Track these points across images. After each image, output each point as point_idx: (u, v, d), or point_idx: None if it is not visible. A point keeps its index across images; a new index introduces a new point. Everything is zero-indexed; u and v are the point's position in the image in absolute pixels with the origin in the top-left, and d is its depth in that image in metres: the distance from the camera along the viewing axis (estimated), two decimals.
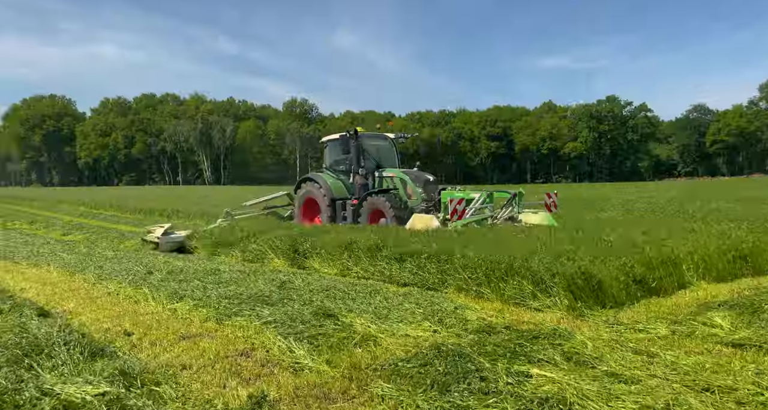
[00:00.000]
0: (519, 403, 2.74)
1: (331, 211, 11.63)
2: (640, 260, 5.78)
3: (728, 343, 3.90)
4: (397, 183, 11.24)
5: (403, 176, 11.17)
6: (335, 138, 12.61)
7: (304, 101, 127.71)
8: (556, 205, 10.52)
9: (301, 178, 12.90)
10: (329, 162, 12.73)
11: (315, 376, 3.39)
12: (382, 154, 12.25)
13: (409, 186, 10.95)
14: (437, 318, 4.51)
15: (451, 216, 9.13)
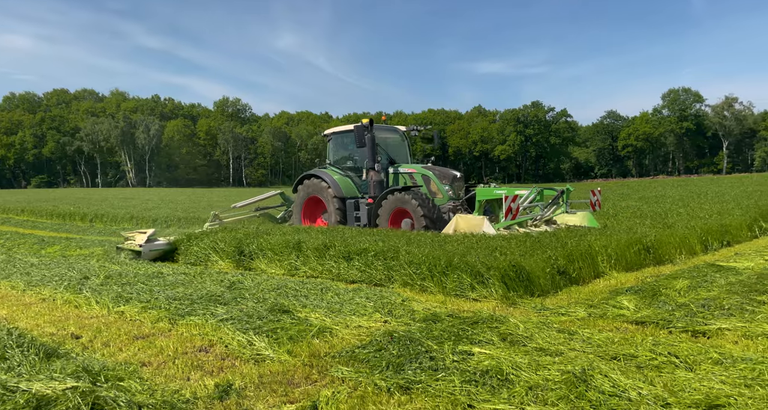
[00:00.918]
0: (464, 376, 3.15)
1: (340, 212, 10.49)
2: (563, 254, 6.51)
3: (633, 321, 4.60)
4: (418, 180, 10.15)
5: (426, 172, 10.10)
6: (343, 130, 11.31)
7: (237, 101, 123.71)
8: (600, 204, 9.64)
9: (303, 175, 11.45)
10: (334, 158, 11.49)
11: (277, 365, 3.60)
12: (392, 148, 11.15)
13: (434, 183, 9.96)
14: (387, 309, 4.87)
15: (506, 215, 8.31)
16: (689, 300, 5.10)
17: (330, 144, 11.67)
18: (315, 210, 11.32)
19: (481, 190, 9.54)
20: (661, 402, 2.80)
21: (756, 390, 2.95)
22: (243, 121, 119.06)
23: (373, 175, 10.25)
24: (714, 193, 23.08)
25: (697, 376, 3.17)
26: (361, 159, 10.96)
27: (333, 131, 11.62)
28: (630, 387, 2.96)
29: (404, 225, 9.55)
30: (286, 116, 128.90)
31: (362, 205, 10.37)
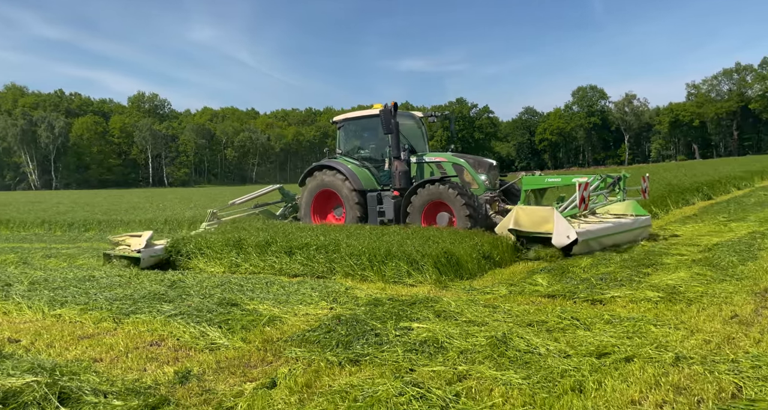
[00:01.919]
0: (406, 347, 3.62)
1: (360, 206, 9.48)
2: (487, 241, 7.23)
3: (545, 295, 5.33)
4: (448, 169, 9.33)
5: (458, 160, 9.33)
6: (358, 117, 10.29)
7: (154, 96, 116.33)
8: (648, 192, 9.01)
9: (312, 166, 10.31)
10: (347, 147, 10.45)
11: (233, 352, 3.84)
12: (409, 136, 10.06)
13: (468, 172, 9.19)
14: (332, 297, 5.23)
15: (580, 205, 7.56)
16: (591, 275, 5.97)
17: (341, 132, 10.54)
18: (325, 206, 10.26)
19: (529, 178, 8.76)
20: (563, 354, 3.44)
21: (634, 339, 3.70)
22: (162, 117, 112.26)
23: (398, 165, 9.24)
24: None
25: (593, 333, 3.87)
26: (378, 148, 10.07)
27: (345, 118, 10.49)
28: (540, 345, 3.58)
29: (440, 220, 8.69)
30: (209, 112, 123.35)
31: (387, 198, 9.34)
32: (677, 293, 5.00)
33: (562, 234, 6.92)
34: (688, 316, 4.30)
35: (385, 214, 9.32)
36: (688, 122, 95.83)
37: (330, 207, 10.28)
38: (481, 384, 2.99)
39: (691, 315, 4.31)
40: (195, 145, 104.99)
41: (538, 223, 7.22)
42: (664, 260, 6.59)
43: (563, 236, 6.91)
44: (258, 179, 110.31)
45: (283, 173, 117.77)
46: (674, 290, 5.08)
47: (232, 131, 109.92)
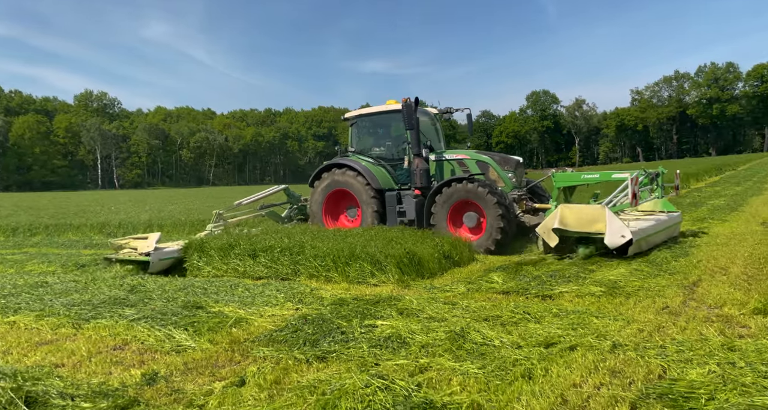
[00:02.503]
0: (371, 343, 3.82)
1: (378, 206, 9.07)
2: (447, 241, 7.55)
3: (500, 292, 5.67)
4: (471, 167, 8.98)
5: (483, 158, 8.98)
6: (372, 113, 9.80)
7: (103, 94, 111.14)
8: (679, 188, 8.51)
9: (324, 165, 9.80)
10: (360, 145, 10.01)
11: (200, 353, 3.91)
12: (424, 133, 9.57)
13: (493, 170, 8.85)
14: (297, 298, 5.35)
15: (632, 201, 7.26)
16: (541, 273, 6.38)
17: (353, 129, 10.09)
18: (337, 207, 9.77)
19: (563, 175, 8.32)
20: (515, 345, 3.74)
21: (578, 330, 4.06)
22: (112, 117, 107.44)
23: (419, 162, 8.88)
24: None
25: (542, 326, 4.21)
26: (394, 145, 9.67)
27: (358, 114, 10.00)
28: (495, 338, 3.87)
29: (467, 221, 8.40)
30: (163, 111, 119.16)
31: (407, 197, 8.95)
32: (617, 287, 5.45)
33: (615, 234, 6.46)
34: (626, 308, 4.72)
35: (406, 214, 8.94)
36: (632, 126, 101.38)
37: (342, 208, 9.82)
38: (440, 374, 3.23)
39: (628, 307, 4.74)
40: (148, 145, 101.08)
41: (587, 222, 6.74)
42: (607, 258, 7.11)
43: (617, 236, 6.46)
44: (215, 181, 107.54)
45: (241, 174, 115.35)
46: (615, 285, 5.53)
47: (187, 131, 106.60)
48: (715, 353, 3.32)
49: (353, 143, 10.11)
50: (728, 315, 4.30)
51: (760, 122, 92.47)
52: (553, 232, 6.96)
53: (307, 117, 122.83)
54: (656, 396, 2.75)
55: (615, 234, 6.49)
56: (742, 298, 4.74)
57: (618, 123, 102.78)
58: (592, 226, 6.74)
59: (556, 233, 6.97)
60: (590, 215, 6.75)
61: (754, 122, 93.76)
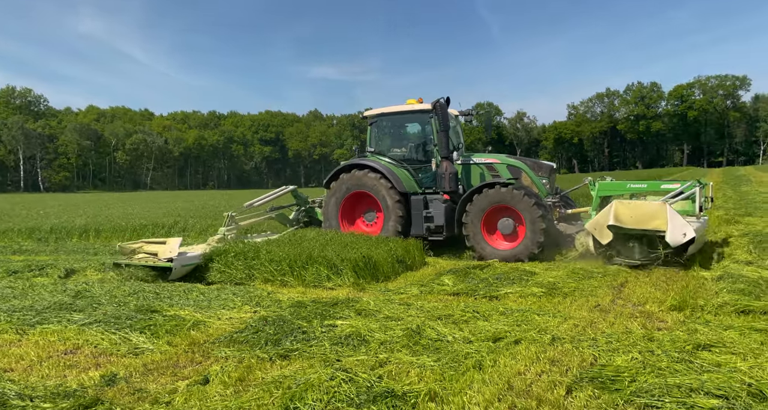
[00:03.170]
0: (332, 341, 4.00)
1: (403, 210, 8.64)
2: (401, 246, 7.83)
3: (451, 293, 6.01)
4: (502, 172, 8.69)
5: (515, 162, 8.68)
6: (394, 112, 9.30)
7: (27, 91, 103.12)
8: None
9: (342, 165, 9.29)
10: (379, 146, 9.51)
11: (159, 355, 3.91)
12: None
13: (526, 176, 8.58)
14: (255, 302, 5.41)
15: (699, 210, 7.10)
16: (488, 276, 6.80)
17: (373, 129, 9.59)
18: (354, 210, 9.32)
19: (606, 184, 8.08)
20: (466, 340, 4.05)
21: (522, 326, 4.44)
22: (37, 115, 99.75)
23: (447, 166, 8.48)
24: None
25: (490, 323, 4.56)
26: (417, 147, 9.29)
27: (380, 113, 9.46)
28: (448, 334, 4.17)
29: (502, 227, 8.16)
30: (95, 111, 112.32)
31: (436, 202, 8.58)
32: (556, 288, 5.96)
33: (678, 232, 6.30)
34: (563, 306, 5.19)
35: (434, 220, 8.58)
36: (569, 139, 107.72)
37: (360, 212, 9.35)
38: (399, 367, 3.47)
39: (565, 306, 5.21)
40: (78, 146, 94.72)
41: (645, 219, 6.50)
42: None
43: (679, 234, 6.29)
44: (153, 185, 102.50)
45: (182, 178, 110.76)
46: (554, 286, 6.03)
47: (123, 132, 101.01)
48: (638, 343, 3.79)
49: (372, 143, 9.60)
50: (649, 311, 4.85)
51: (680, 138, 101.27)
52: (607, 229, 6.70)
53: (254, 121, 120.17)
54: (588, 379, 3.13)
55: (677, 232, 6.32)
56: (661, 297, 5.35)
57: (556, 136, 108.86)
58: (650, 223, 6.50)
59: (611, 230, 6.71)
60: (649, 212, 6.52)
61: (675, 139, 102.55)
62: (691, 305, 4.81)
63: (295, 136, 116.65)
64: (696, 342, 3.67)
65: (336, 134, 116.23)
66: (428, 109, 8.87)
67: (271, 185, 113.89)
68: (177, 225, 13.69)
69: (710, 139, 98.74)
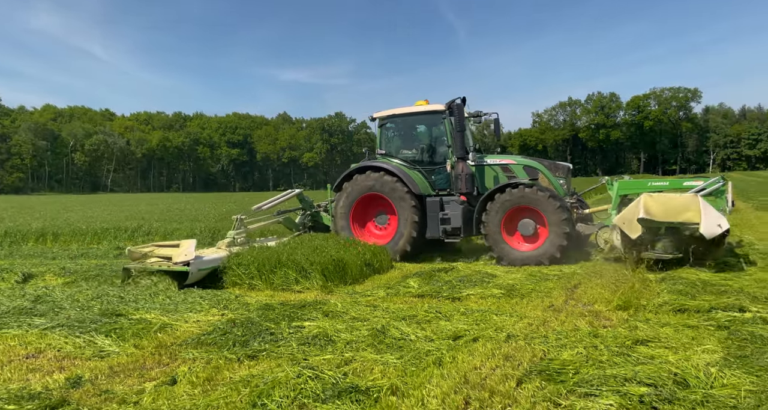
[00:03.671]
0: (299, 341, 4.14)
1: (417, 212, 8.52)
2: (369, 249, 8.03)
3: (416, 295, 6.24)
4: (518, 173, 8.63)
5: (532, 163, 8.64)
6: (406, 113, 9.16)
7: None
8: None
9: (352, 168, 9.15)
10: (388, 148, 9.44)
11: (125, 358, 3.95)
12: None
13: (544, 177, 8.53)
14: (222, 304, 5.48)
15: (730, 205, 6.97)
16: (452, 278, 7.08)
17: (383, 131, 9.49)
18: (365, 213, 9.18)
19: (626, 183, 8.04)
20: (428, 339, 4.28)
21: (481, 325, 4.70)
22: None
23: (463, 167, 8.46)
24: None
25: (451, 323, 4.80)
26: (429, 148, 9.22)
27: (391, 115, 9.36)
28: (411, 333, 4.39)
29: (523, 229, 8.10)
30: (53, 110, 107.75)
31: (453, 204, 8.51)
32: (514, 290, 6.28)
33: (712, 223, 6.24)
34: (520, 307, 5.50)
35: (450, 221, 8.50)
36: (533, 146, 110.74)
37: (371, 215, 9.25)
38: (364, 365, 3.65)
39: (522, 306, 5.53)
40: (33, 147, 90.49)
41: (676, 212, 6.44)
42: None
43: (714, 226, 6.23)
44: (114, 187, 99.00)
45: (145, 180, 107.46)
46: (512, 288, 6.36)
47: (82, 133, 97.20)
48: (584, 339, 4.11)
49: (382, 145, 9.52)
50: (597, 310, 5.22)
51: (637, 146, 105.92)
52: (638, 222, 6.58)
53: (221, 123, 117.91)
54: (537, 372, 3.40)
55: (712, 224, 6.24)
56: (609, 297, 5.73)
57: (521, 143, 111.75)
58: (681, 215, 6.44)
59: (642, 223, 6.59)
60: (680, 204, 6.46)
61: (632, 147, 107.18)
62: (634, 305, 5.19)
63: (264, 139, 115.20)
64: (635, 338, 4.01)
65: (305, 138, 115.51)
66: (441, 110, 8.89)
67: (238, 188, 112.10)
68: (141, 229, 13.44)
69: (665, 148, 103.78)
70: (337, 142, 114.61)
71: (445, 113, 8.86)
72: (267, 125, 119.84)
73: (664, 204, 6.52)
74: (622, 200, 7.95)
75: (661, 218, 6.55)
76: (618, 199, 7.98)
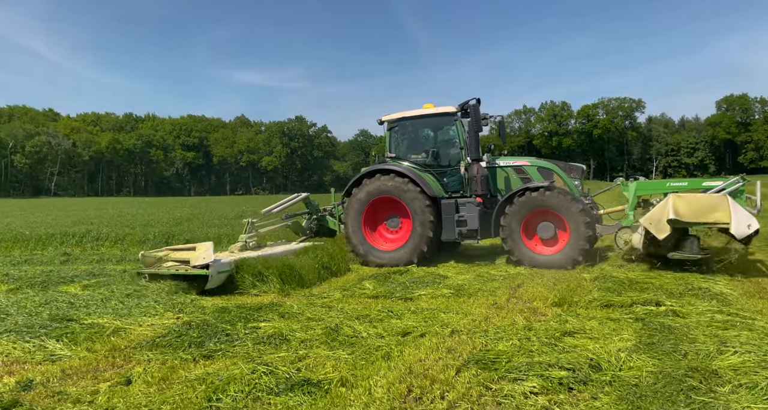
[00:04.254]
0: (255, 341, 4.31)
1: (433, 215, 8.45)
2: (327, 253, 8.25)
3: (371, 296, 6.51)
4: (532, 174, 8.66)
5: (546, 164, 8.63)
6: (416, 116, 9.12)
7: None
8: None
9: (365, 171, 9.06)
10: (400, 151, 9.35)
11: (78, 361, 3.99)
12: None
13: (559, 178, 8.52)
14: (177, 308, 5.54)
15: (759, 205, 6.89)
16: (406, 280, 7.41)
17: (393, 134, 9.44)
18: (376, 217, 9.09)
19: (644, 183, 8.03)
20: (379, 336, 4.55)
21: (429, 322, 5.03)
22: None
23: (478, 168, 8.45)
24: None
25: (402, 321, 5.10)
26: (441, 150, 9.17)
27: (400, 117, 9.29)
28: (363, 331, 4.65)
29: (542, 232, 8.13)
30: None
31: (469, 205, 8.45)
32: (463, 289, 6.67)
33: (742, 223, 6.28)
34: (467, 305, 5.88)
35: (467, 224, 8.45)
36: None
37: (381, 218, 9.18)
38: (317, 360, 3.88)
39: (469, 305, 5.91)
40: None
41: (704, 212, 6.48)
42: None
43: (744, 226, 6.27)
44: (59, 191, 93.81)
45: (92, 184, 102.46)
46: (461, 288, 6.75)
47: (22, 133, 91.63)
48: (519, 332, 4.50)
49: (392, 148, 9.45)
50: (535, 307, 5.67)
51: (586, 153, 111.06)
52: (666, 223, 6.60)
53: (175, 125, 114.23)
54: (474, 362, 3.75)
55: (742, 224, 6.29)
56: (547, 295, 6.22)
57: None
58: (710, 215, 6.48)
59: (671, 224, 6.62)
60: (708, 204, 6.49)
61: (582, 154, 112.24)
62: (568, 302, 5.68)
63: (221, 142, 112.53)
64: (564, 330, 4.45)
65: (265, 141, 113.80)
66: (453, 111, 8.91)
67: (193, 192, 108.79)
68: (89, 234, 13.06)
69: (612, 155, 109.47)
70: (298, 146, 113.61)
71: (456, 114, 8.89)
72: (224, 128, 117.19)
73: (693, 205, 6.52)
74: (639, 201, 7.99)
75: (690, 219, 6.57)
76: (635, 199, 8.01)
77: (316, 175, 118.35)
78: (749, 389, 2.99)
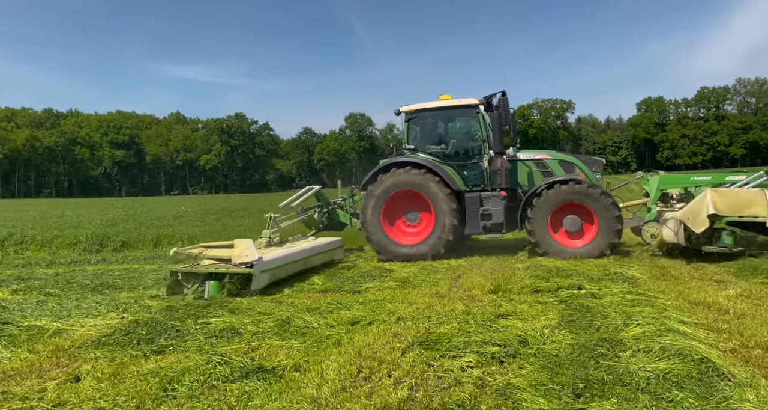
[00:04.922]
0: (207, 335, 4.38)
1: (456, 209, 8.31)
2: None
3: (320, 291, 6.70)
4: (554, 168, 8.60)
5: (568, 158, 8.61)
6: (436, 107, 8.91)
7: None
8: None
9: (384, 164, 8.84)
10: (415, 143, 9.16)
11: (19, 362, 3.89)
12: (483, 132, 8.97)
13: (580, 171, 8.51)
14: (122, 309, 5.44)
15: None
16: (354, 274, 7.66)
17: (411, 125, 9.25)
18: (394, 211, 8.93)
19: (668, 177, 8.24)
20: (329, 326, 4.76)
21: (376, 312, 5.31)
22: None
23: (502, 162, 8.42)
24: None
25: (351, 312, 5.34)
26: (460, 143, 9.10)
27: (419, 109, 9.10)
28: (314, 322, 4.85)
29: (569, 225, 8.14)
30: None
31: (494, 199, 8.41)
32: (408, 281, 7.03)
33: None
34: (412, 295, 6.23)
35: (491, 217, 8.43)
36: None
37: (400, 212, 9.04)
38: (270, 350, 4.03)
39: (414, 295, 6.26)
40: None
41: (742, 206, 6.64)
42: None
43: None
44: None
45: (8, 185, 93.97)
46: (406, 280, 7.11)
47: None
48: (458, 316, 4.89)
49: (410, 140, 9.30)
50: (474, 294, 6.12)
51: None
52: (706, 218, 6.70)
53: (102, 122, 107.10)
54: (418, 344, 4.07)
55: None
56: (485, 283, 6.70)
57: None
58: (748, 210, 6.65)
59: (710, 219, 6.73)
60: (746, 199, 6.64)
61: None
62: (503, 288, 6.17)
63: (154, 139, 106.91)
64: (498, 313, 4.89)
65: (202, 139, 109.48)
66: (475, 104, 8.89)
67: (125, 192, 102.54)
68: (12, 237, 12.21)
69: None
70: (238, 144, 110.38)
71: (478, 107, 8.89)
72: (158, 125, 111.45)
73: (730, 199, 6.68)
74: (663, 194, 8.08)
75: (728, 213, 6.75)
76: (659, 193, 8.16)
77: (259, 174, 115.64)
78: (645, 353, 3.52)
